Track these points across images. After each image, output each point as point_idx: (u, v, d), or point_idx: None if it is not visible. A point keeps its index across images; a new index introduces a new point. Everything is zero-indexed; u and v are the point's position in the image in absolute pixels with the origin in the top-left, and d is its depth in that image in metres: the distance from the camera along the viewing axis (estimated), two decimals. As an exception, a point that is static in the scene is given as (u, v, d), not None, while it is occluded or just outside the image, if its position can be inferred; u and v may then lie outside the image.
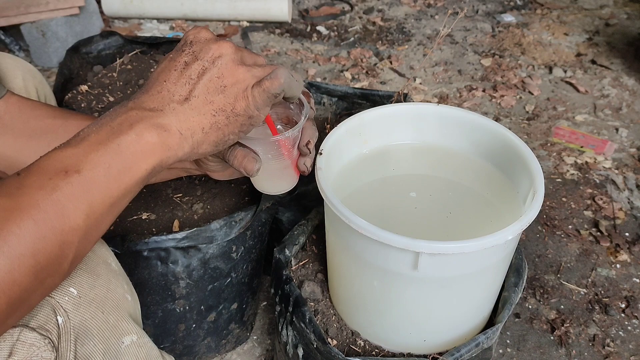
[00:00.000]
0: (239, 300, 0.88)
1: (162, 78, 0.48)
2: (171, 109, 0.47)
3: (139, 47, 1.12)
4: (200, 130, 0.48)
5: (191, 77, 0.48)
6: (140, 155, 0.44)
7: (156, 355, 0.56)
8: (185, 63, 0.48)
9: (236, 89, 0.49)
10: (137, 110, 0.46)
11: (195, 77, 0.48)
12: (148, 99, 0.47)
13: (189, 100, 0.47)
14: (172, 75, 0.48)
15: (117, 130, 0.44)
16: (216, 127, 0.49)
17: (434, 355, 0.66)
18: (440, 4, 2.29)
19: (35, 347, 0.42)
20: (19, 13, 1.73)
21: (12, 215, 0.38)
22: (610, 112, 1.62)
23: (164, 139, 0.45)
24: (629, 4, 2.27)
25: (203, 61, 0.48)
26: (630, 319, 1.03)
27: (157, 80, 0.48)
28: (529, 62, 1.86)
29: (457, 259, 0.56)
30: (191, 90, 0.48)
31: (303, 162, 0.61)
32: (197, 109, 0.48)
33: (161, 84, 0.48)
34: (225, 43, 0.49)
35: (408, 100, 0.99)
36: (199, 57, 0.48)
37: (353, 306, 0.69)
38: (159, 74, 0.49)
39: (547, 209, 1.27)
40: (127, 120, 0.44)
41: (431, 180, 0.75)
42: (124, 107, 0.46)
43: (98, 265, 0.51)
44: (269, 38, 2.03)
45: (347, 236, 0.61)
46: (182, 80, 0.48)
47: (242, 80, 0.49)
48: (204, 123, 0.48)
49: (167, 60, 0.50)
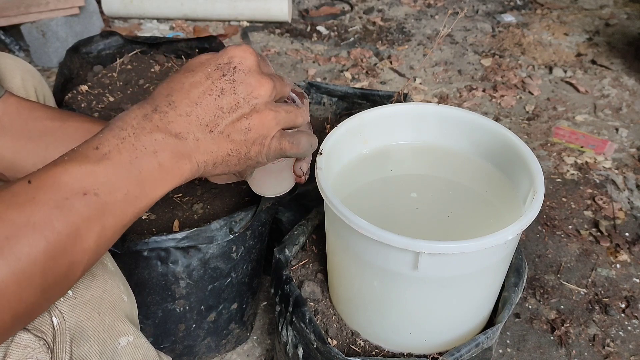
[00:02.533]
0: (239, 300, 0.88)
1: (195, 97, 0.45)
2: (195, 139, 0.45)
3: (139, 47, 1.12)
4: (212, 163, 0.47)
5: (223, 109, 0.45)
6: (159, 183, 0.44)
7: (153, 356, 0.55)
8: (221, 90, 0.45)
9: (257, 135, 0.48)
10: (162, 133, 0.43)
11: (227, 110, 0.46)
12: (176, 119, 0.44)
13: (213, 132, 0.46)
14: (205, 100, 0.45)
15: (141, 154, 0.42)
16: (226, 163, 0.48)
17: (434, 355, 0.66)
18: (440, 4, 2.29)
19: (30, 348, 0.42)
20: (19, 13, 1.73)
21: (24, 233, 0.37)
22: (610, 112, 1.62)
23: (182, 169, 0.45)
24: (629, 4, 2.27)
25: (239, 97, 0.46)
26: (630, 319, 1.03)
27: (189, 97, 0.45)
28: (529, 62, 1.86)
29: (457, 259, 0.56)
30: (218, 124, 0.46)
31: (299, 166, 0.61)
32: (217, 143, 0.46)
33: (192, 106, 0.45)
34: (266, 83, 0.47)
35: (408, 100, 0.99)
36: (236, 90, 0.46)
37: (353, 306, 0.69)
38: (191, 88, 0.45)
39: (547, 209, 1.27)
40: (151, 145, 0.43)
41: (431, 180, 0.75)
42: (148, 120, 0.43)
43: (94, 265, 0.51)
44: (269, 38, 2.03)
45: (347, 236, 0.61)
46: (213, 110, 0.45)
47: (267, 127, 0.48)
48: (217, 158, 0.47)
49: (204, 75, 0.46)
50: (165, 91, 0.45)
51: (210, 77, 0.45)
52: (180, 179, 0.45)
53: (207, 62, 0.46)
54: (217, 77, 0.45)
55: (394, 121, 0.75)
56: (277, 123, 0.49)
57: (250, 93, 0.46)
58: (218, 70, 0.46)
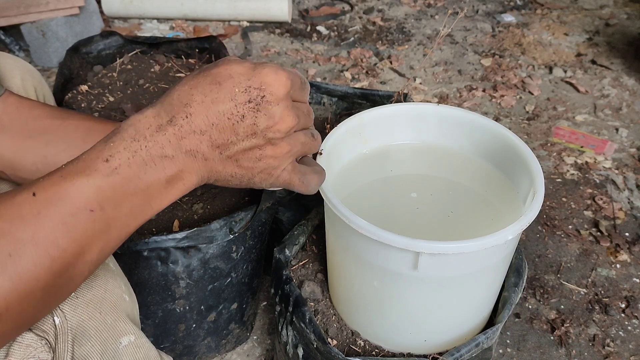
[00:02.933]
0: (239, 300, 0.88)
1: (213, 117, 0.43)
2: (204, 158, 0.44)
3: (139, 47, 1.12)
4: (214, 179, 0.47)
5: (238, 135, 0.44)
6: (164, 196, 0.43)
7: (154, 356, 0.55)
8: (242, 117, 0.43)
9: (267, 165, 0.47)
10: (174, 150, 0.42)
11: (242, 138, 0.44)
12: (189, 135, 0.42)
13: (222, 155, 0.44)
14: (223, 122, 0.43)
15: (150, 169, 0.41)
16: (226, 182, 0.48)
17: (434, 355, 0.66)
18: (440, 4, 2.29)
19: (32, 347, 0.42)
20: (19, 13, 1.73)
21: (28, 250, 0.36)
22: (610, 112, 1.62)
23: (187, 184, 0.44)
24: (629, 4, 2.27)
25: (258, 127, 0.44)
26: (630, 319, 1.03)
27: (207, 115, 0.42)
28: (529, 62, 1.86)
29: (457, 259, 0.56)
30: (229, 148, 0.44)
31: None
32: (224, 165, 0.45)
33: (208, 125, 0.43)
34: (289, 119, 0.45)
35: (408, 100, 0.99)
36: (257, 121, 0.43)
37: (353, 306, 0.69)
38: (212, 105, 0.43)
39: (547, 209, 1.27)
40: (161, 162, 0.42)
41: (431, 180, 0.75)
42: (162, 133, 0.42)
43: None
44: (269, 38, 2.03)
45: (347, 236, 0.61)
46: (228, 134, 0.43)
47: (279, 160, 0.47)
48: (220, 176, 0.46)
49: (230, 95, 0.43)
50: (184, 98, 0.43)
51: (235, 100, 0.43)
52: (184, 192, 0.45)
53: (238, 78, 0.43)
54: (242, 101, 0.43)
55: (394, 121, 0.75)
56: (291, 156, 0.48)
57: (271, 127, 0.44)
58: (246, 93, 0.43)
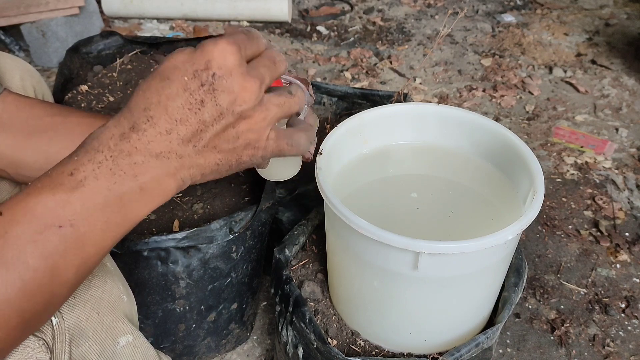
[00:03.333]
0: (239, 300, 0.88)
1: (174, 113, 0.40)
2: (177, 157, 0.41)
3: (139, 47, 1.12)
4: (199, 175, 0.44)
5: (205, 122, 0.41)
6: (142, 205, 0.41)
7: (153, 356, 0.55)
8: (201, 103, 0.40)
9: (247, 140, 0.44)
10: (142, 155, 0.40)
11: (210, 123, 0.41)
12: (155, 138, 0.40)
13: (197, 147, 0.42)
14: (184, 115, 0.40)
15: (120, 179, 0.39)
16: (216, 172, 0.45)
17: (434, 355, 0.66)
18: (440, 4, 2.29)
19: (29, 348, 0.42)
20: (19, 13, 1.73)
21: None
22: (610, 112, 1.62)
23: (166, 188, 0.42)
24: (629, 4, 2.27)
25: (221, 107, 0.41)
26: (630, 319, 1.03)
27: (167, 113, 0.40)
28: (529, 62, 1.86)
29: (457, 259, 0.56)
30: (202, 138, 0.42)
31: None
32: (203, 156, 0.43)
33: (172, 123, 0.40)
34: (251, 85, 0.41)
35: (408, 100, 0.99)
36: (218, 101, 0.41)
37: (353, 306, 0.69)
38: (168, 101, 0.40)
39: (547, 209, 1.27)
40: (130, 169, 0.39)
41: (431, 180, 0.75)
42: (126, 140, 0.39)
43: None
44: (269, 38, 2.03)
45: (347, 236, 0.61)
46: (195, 124, 0.41)
47: (258, 131, 0.44)
48: (205, 169, 0.44)
49: (181, 86, 0.40)
50: (142, 103, 0.40)
51: (188, 89, 0.40)
52: (165, 197, 0.43)
53: (183, 67, 0.40)
54: (195, 87, 0.40)
55: (394, 121, 0.75)
56: (269, 122, 0.45)
57: (234, 101, 0.41)
58: (195, 78, 0.40)
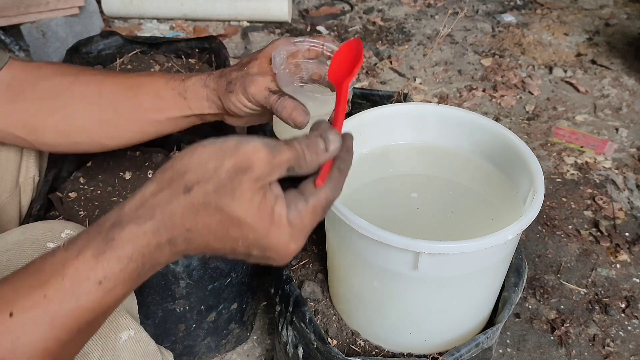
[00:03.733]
0: (239, 300, 0.88)
1: (213, 248, 0.42)
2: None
3: (139, 47, 1.12)
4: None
5: (236, 253, 0.42)
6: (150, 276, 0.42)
7: (154, 350, 0.56)
8: (247, 255, 0.43)
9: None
10: (167, 259, 0.42)
11: (241, 253, 0.42)
12: (186, 249, 0.41)
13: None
14: (221, 249, 0.42)
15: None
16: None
17: (434, 355, 0.66)
18: (440, 4, 2.29)
19: None
20: (19, 13, 1.73)
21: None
22: (610, 112, 1.62)
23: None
24: (629, 4, 2.27)
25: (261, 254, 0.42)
26: (630, 319, 1.03)
27: (207, 244, 0.41)
28: (529, 62, 1.86)
29: (457, 259, 0.56)
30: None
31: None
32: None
33: (206, 248, 0.41)
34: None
35: (408, 100, 0.99)
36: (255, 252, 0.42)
37: (353, 306, 0.69)
38: (215, 242, 0.41)
39: (547, 209, 1.27)
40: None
41: (431, 180, 0.75)
42: (159, 251, 0.40)
43: None
44: (269, 38, 2.03)
45: (347, 236, 0.61)
46: (225, 251, 0.42)
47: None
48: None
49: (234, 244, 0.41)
50: (188, 222, 0.39)
51: (239, 249, 0.41)
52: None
53: (246, 236, 0.41)
54: (246, 253, 0.42)
55: (394, 121, 0.75)
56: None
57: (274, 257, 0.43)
58: (251, 253, 0.42)
